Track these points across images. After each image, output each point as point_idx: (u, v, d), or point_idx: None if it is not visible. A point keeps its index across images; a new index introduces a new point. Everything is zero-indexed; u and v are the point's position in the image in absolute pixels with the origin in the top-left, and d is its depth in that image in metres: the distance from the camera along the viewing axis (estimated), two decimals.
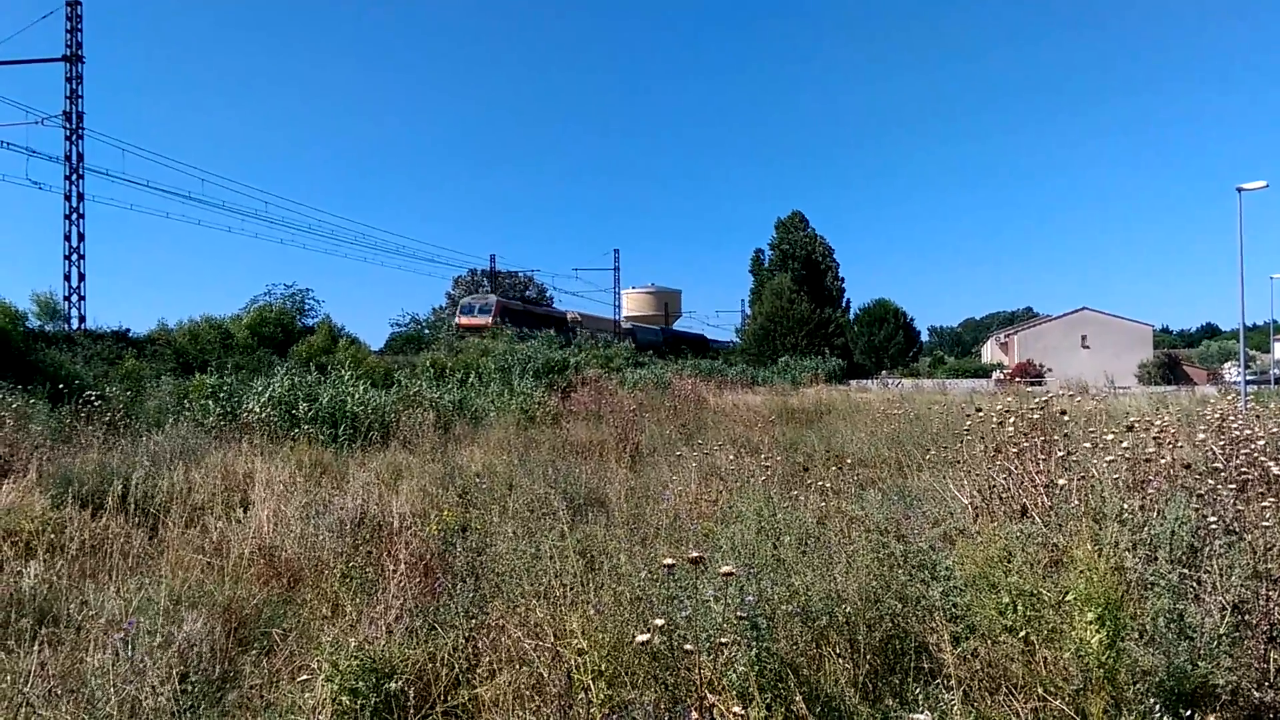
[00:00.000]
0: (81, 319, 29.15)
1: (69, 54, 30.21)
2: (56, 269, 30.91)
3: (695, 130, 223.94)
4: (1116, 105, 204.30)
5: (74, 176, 30.06)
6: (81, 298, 30.95)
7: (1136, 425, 6.45)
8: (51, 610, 5.70)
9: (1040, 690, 3.95)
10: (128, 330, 29.69)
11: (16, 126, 47.11)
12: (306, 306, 41.47)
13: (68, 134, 30.22)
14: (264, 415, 14.44)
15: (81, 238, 30.74)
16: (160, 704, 4.04)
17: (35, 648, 4.88)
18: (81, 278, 30.76)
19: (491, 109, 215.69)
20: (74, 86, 30.24)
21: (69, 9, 30.22)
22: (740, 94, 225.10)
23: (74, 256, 30.35)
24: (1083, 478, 5.66)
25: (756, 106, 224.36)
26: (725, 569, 3.76)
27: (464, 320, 52.76)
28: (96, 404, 13.07)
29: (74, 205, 29.88)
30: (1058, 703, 3.82)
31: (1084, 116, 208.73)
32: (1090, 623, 3.83)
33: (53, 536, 7.27)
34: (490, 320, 51.33)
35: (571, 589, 5.15)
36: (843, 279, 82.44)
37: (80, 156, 30.28)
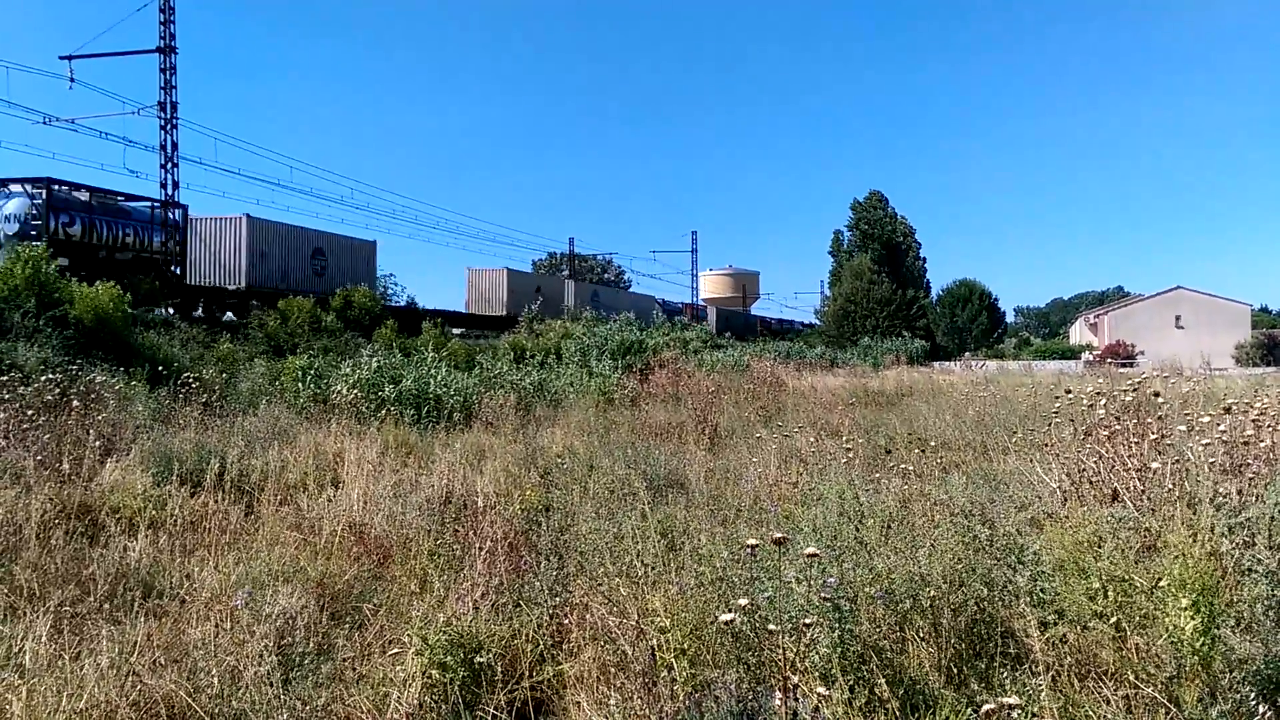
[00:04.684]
0: (178, 304, 30.09)
1: (162, 45, 31.10)
2: None
3: (774, 108, 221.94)
4: (1208, 76, 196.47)
5: (169, 165, 31.05)
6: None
7: (1234, 407, 6.24)
8: (155, 583, 5.93)
9: (1131, 677, 3.87)
10: (226, 316, 30.72)
11: (113, 117, 48.74)
12: (390, 290, 42.37)
13: (162, 124, 31.20)
14: (351, 397, 14.79)
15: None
16: (261, 674, 4.19)
17: (142, 619, 5.11)
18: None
19: (569, 95, 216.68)
20: (168, 77, 31.16)
21: (162, 1, 31.13)
22: (819, 70, 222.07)
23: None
24: (1177, 461, 5.50)
25: (836, 84, 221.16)
26: (809, 550, 3.76)
27: None
28: (193, 385, 13.52)
29: (169, 193, 30.86)
30: (1150, 690, 3.74)
31: (1174, 87, 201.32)
32: (1184, 609, 3.74)
33: (155, 513, 7.57)
34: None
35: (653, 569, 5.20)
36: (924, 259, 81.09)
37: (175, 145, 31.27)
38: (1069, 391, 7.55)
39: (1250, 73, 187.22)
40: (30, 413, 9.76)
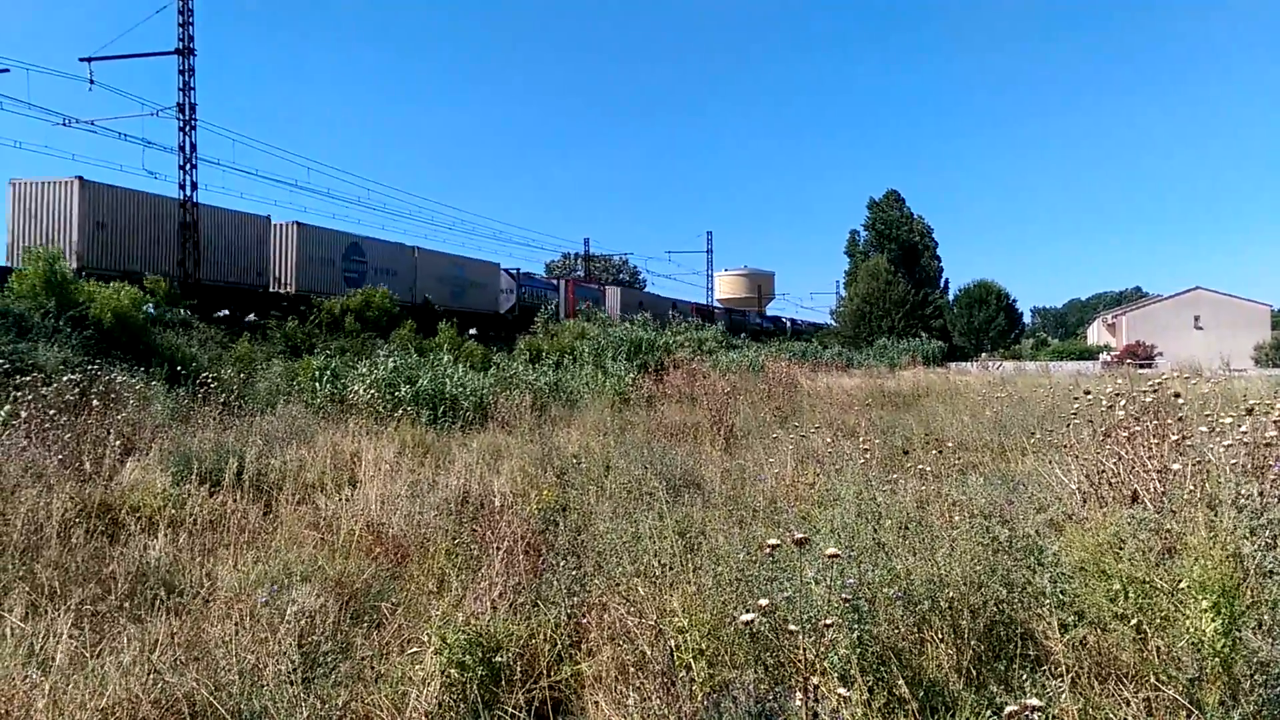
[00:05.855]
0: (196, 304, 30.19)
1: (181, 47, 31.18)
2: None
3: (790, 107, 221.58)
4: (1227, 74, 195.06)
5: (188, 166, 31.12)
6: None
7: (1256, 408, 6.19)
8: (175, 582, 5.97)
9: (1152, 679, 3.85)
10: (240, 314, 30.83)
11: (133, 119, 48.98)
12: None
13: (181, 125, 31.27)
14: (368, 397, 14.85)
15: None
16: (282, 673, 4.21)
17: (163, 617, 5.14)
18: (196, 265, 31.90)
19: (585, 96, 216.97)
20: (186, 79, 31.24)
21: (181, 3, 31.21)
22: (835, 69, 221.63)
23: (188, 245, 31.45)
24: (1198, 462, 5.46)
25: (852, 83, 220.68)
26: (830, 551, 3.75)
27: None
28: (212, 385, 13.60)
29: (188, 194, 30.98)
30: (1171, 692, 3.71)
31: (1192, 86, 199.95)
32: (1205, 611, 3.71)
33: (174, 512, 7.62)
34: None
35: (671, 569, 5.20)
36: (940, 259, 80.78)
37: (193, 147, 31.30)
38: (1088, 392, 7.50)
39: (1271, 71, 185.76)
40: (51, 412, 9.84)
